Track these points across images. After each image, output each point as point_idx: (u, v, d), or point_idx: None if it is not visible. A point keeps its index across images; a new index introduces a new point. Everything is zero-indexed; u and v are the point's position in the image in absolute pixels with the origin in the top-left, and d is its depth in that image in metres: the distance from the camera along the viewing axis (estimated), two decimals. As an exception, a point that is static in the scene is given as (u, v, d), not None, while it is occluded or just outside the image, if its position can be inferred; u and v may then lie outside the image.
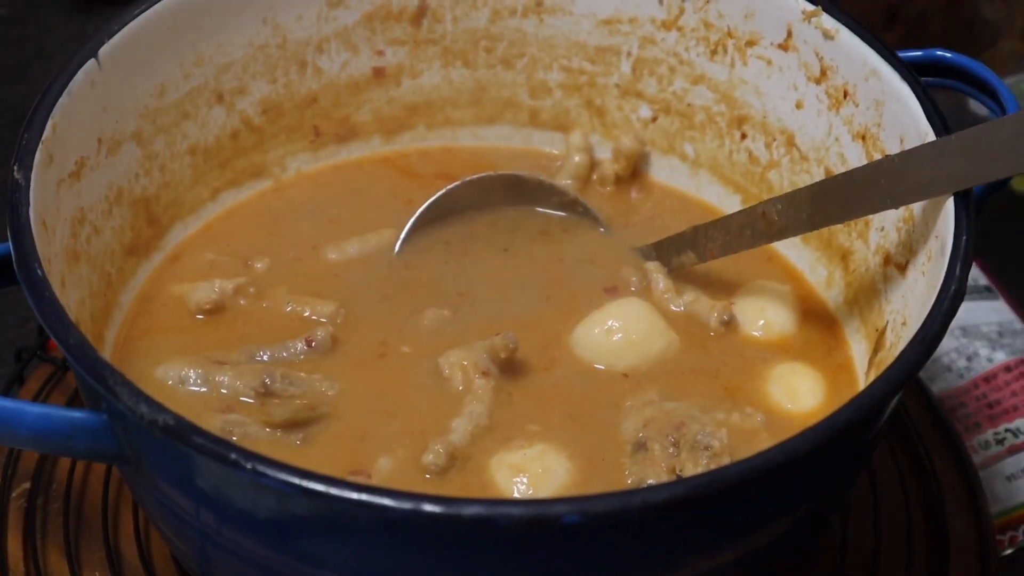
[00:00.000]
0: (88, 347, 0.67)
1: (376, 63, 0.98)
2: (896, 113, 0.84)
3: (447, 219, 0.93)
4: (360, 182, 0.98)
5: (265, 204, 0.96)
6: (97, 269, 0.84)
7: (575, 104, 1.00)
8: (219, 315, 0.87)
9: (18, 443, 0.69)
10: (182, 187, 0.92)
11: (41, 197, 0.76)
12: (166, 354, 0.83)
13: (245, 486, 0.64)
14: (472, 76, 1.00)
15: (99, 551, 0.83)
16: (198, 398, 0.80)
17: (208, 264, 0.91)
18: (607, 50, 0.98)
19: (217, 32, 0.91)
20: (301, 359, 0.83)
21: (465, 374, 0.81)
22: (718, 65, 0.95)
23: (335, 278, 0.89)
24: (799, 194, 0.83)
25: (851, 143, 0.88)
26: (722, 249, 0.88)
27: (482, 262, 0.91)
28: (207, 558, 0.73)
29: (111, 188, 0.86)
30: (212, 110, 0.93)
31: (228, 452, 0.63)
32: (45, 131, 0.78)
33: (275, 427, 0.78)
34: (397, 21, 0.97)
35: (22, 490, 0.87)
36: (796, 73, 0.91)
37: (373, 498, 0.61)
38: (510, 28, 0.98)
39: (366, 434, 0.79)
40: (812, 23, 0.89)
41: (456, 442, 0.77)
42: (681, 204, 0.98)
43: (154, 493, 0.71)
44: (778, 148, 0.94)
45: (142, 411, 0.64)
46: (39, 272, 0.71)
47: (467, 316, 0.87)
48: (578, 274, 0.91)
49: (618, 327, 0.84)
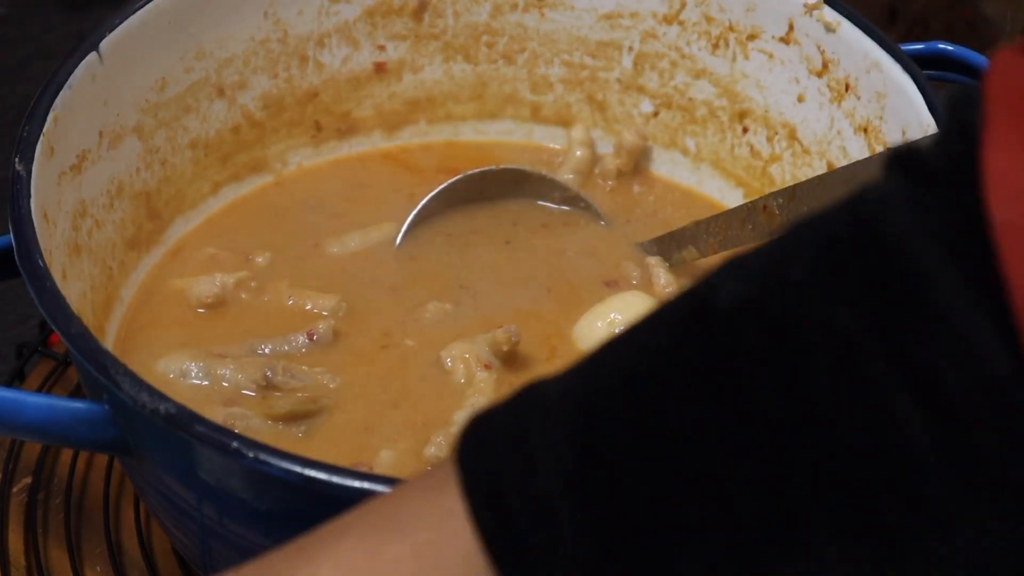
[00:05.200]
0: (89, 337, 0.67)
1: (377, 58, 0.98)
2: (898, 106, 0.84)
3: (449, 213, 0.93)
4: (361, 177, 0.98)
5: (266, 198, 0.96)
6: (98, 262, 0.84)
7: (577, 99, 1.00)
8: (221, 309, 0.87)
9: (20, 434, 0.69)
10: (183, 181, 0.92)
11: (42, 189, 0.76)
12: (167, 348, 0.83)
13: (247, 476, 0.64)
14: (473, 71, 1.00)
15: (100, 545, 0.83)
16: (200, 391, 0.80)
17: (209, 258, 0.90)
18: (608, 45, 0.98)
19: (218, 26, 0.91)
20: (303, 352, 0.83)
21: (467, 367, 0.81)
22: (719, 59, 0.95)
23: (337, 272, 0.89)
24: (801, 188, 0.83)
25: (853, 136, 0.88)
26: (724, 244, 0.88)
27: (484, 255, 0.91)
28: (208, 550, 0.72)
29: (112, 181, 0.86)
30: (213, 104, 0.93)
31: (230, 441, 0.62)
32: (46, 124, 0.78)
33: (277, 420, 0.78)
34: (398, 16, 0.97)
35: (23, 485, 0.87)
36: (798, 66, 0.91)
37: (375, 486, 0.61)
38: (511, 23, 0.98)
39: (368, 427, 0.79)
40: (814, 16, 0.89)
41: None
42: (683, 198, 0.98)
43: (155, 484, 0.71)
44: (780, 142, 0.94)
45: (144, 400, 0.64)
46: (41, 263, 0.71)
47: (469, 309, 0.86)
48: (579, 268, 0.91)
49: (621, 320, 0.84)
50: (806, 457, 0.42)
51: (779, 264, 0.44)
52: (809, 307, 0.43)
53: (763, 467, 0.43)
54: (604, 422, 0.45)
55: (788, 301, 0.43)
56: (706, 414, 0.43)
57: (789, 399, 0.42)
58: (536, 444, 0.46)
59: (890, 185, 0.43)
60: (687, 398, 0.44)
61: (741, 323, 0.44)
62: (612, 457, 0.44)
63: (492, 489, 0.46)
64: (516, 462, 0.46)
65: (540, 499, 0.45)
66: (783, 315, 0.43)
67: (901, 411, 0.41)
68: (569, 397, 0.46)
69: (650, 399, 0.44)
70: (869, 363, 0.41)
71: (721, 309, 0.44)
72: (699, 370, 0.44)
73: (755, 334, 0.43)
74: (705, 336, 0.44)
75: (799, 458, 0.42)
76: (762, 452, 0.43)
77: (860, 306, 0.42)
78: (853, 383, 0.42)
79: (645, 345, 0.46)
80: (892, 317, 0.41)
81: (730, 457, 0.43)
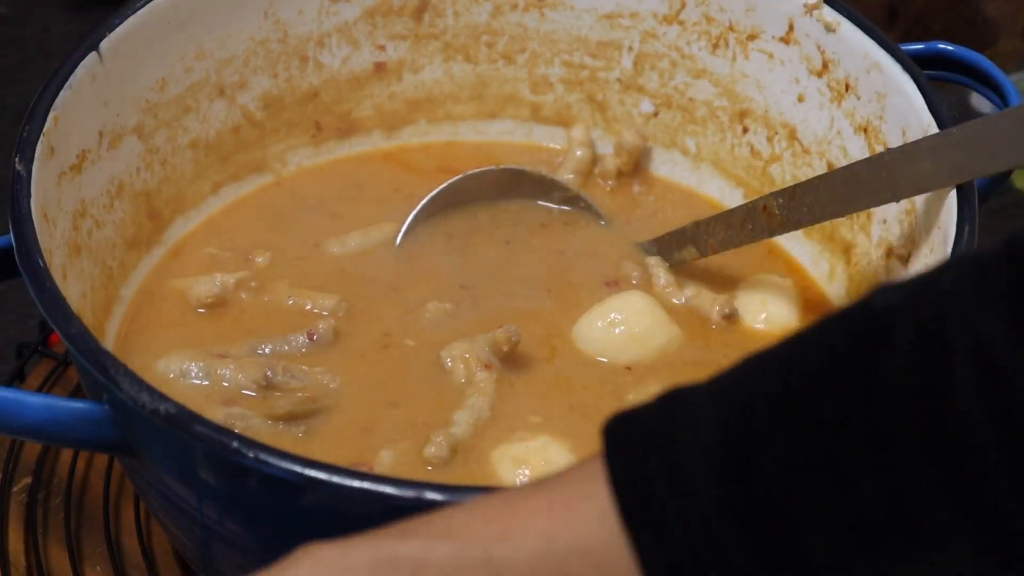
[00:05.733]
0: (89, 336, 0.67)
1: (377, 58, 0.98)
2: (898, 106, 0.84)
3: (449, 212, 0.93)
4: (361, 177, 0.98)
5: (266, 198, 0.96)
6: (98, 263, 0.84)
7: (577, 99, 1.00)
8: (221, 309, 0.87)
9: (20, 434, 0.69)
10: (183, 181, 0.92)
11: (42, 189, 0.76)
12: (168, 348, 0.83)
13: (247, 476, 0.64)
14: (473, 71, 1.00)
15: (100, 545, 0.83)
16: (200, 391, 0.80)
17: (209, 258, 0.90)
18: (608, 45, 0.98)
19: (218, 26, 0.91)
20: (303, 352, 0.83)
21: (467, 367, 0.81)
22: (720, 59, 0.95)
23: (337, 272, 0.89)
24: (801, 188, 0.83)
25: (853, 136, 0.88)
26: (723, 243, 0.88)
27: (484, 255, 0.91)
28: (209, 550, 0.73)
29: (112, 181, 0.86)
30: (213, 104, 0.93)
31: (230, 441, 0.63)
32: (46, 123, 0.78)
33: (277, 420, 0.78)
34: (398, 16, 0.97)
35: (23, 485, 0.87)
36: (798, 66, 0.91)
37: (375, 486, 0.61)
38: (511, 23, 0.98)
39: (368, 427, 0.79)
40: (814, 16, 0.89)
41: (458, 434, 0.77)
42: (683, 198, 0.98)
43: (155, 484, 0.71)
44: (780, 142, 0.94)
45: (143, 400, 0.64)
46: (41, 263, 0.71)
47: (469, 309, 0.86)
48: (579, 268, 0.90)
49: (621, 320, 0.84)
50: (936, 453, 0.45)
51: (932, 276, 0.47)
52: (955, 314, 0.45)
53: (895, 459, 0.45)
54: (753, 414, 0.48)
55: (936, 307, 0.46)
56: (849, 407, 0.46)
57: (927, 397, 0.45)
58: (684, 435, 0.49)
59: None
60: (833, 391, 0.47)
61: (892, 324, 0.46)
62: (755, 443, 0.47)
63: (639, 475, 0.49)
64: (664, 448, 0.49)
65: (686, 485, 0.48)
66: (931, 319, 0.46)
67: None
68: (718, 392, 0.50)
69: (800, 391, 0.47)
70: (1007, 371, 0.43)
71: (875, 310, 0.47)
72: (848, 365, 0.47)
73: (904, 335, 0.46)
74: (857, 333, 0.47)
75: (929, 453, 0.45)
76: (895, 444, 0.45)
77: (1003, 317, 0.44)
78: (991, 389, 0.44)
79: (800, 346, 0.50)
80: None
81: (866, 447, 0.46)
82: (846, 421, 0.46)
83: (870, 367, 0.46)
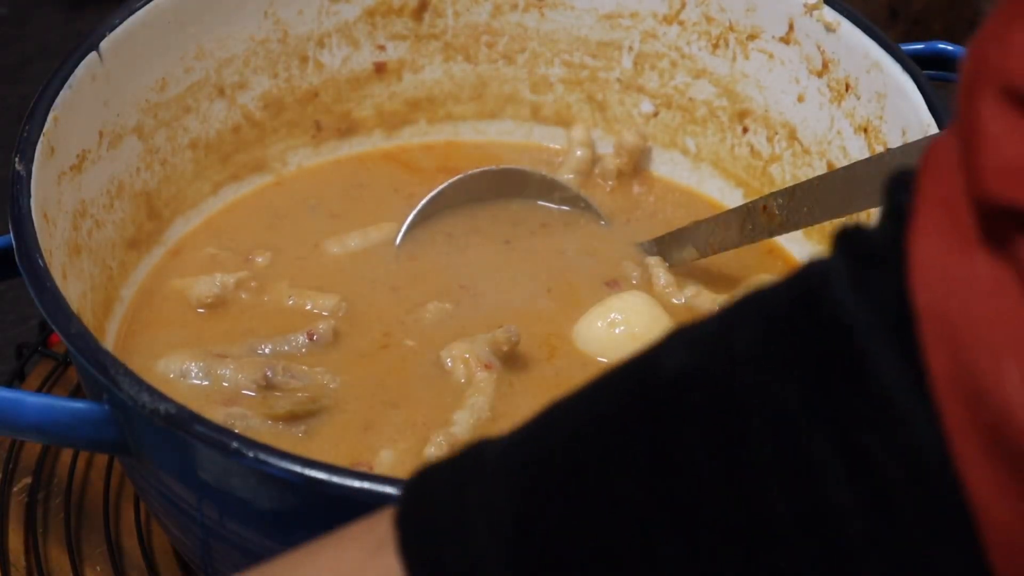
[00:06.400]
0: (89, 336, 0.67)
1: (377, 58, 0.98)
2: (898, 106, 0.84)
3: (449, 212, 0.93)
4: (361, 177, 0.98)
5: (266, 198, 0.96)
6: (98, 262, 0.84)
7: (577, 99, 1.00)
8: (221, 309, 0.87)
9: (20, 434, 0.69)
10: (183, 181, 0.92)
11: (42, 189, 0.76)
12: (167, 348, 0.83)
13: (247, 476, 0.64)
14: (473, 71, 1.00)
15: (100, 545, 0.83)
16: (200, 391, 0.80)
17: (209, 258, 0.90)
18: (608, 45, 0.98)
19: (218, 26, 0.91)
20: (303, 352, 0.83)
21: (467, 367, 0.81)
22: (720, 59, 0.95)
23: (337, 272, 0.89)
24: (801, 188, 0.83)
25: (853, 136, 0.88)
26: (723, 244, 0.88)
27: (484, 255, 0.91)
28: (209, 550, 0.72)
29: (112, 181, 0.86)
30: (213, 104, 0.93)
31: (230, 441, 0.62)
32: (46, 123, 0.78)
33: (277, 420, 0.78)
34: (398, 16, 0.97)
35: (23, 485, 0.87)
36: (798, 66, 0.91)
37: (375, 486, 0.61)
38: (511, 23, 0.98)
39: (368, 426, 0.79)
40: (814, 16, 0.89)
41: (458, 434, 0.77)
42: (683, 199, 0.98)
43: (155, 484, 0.71)
44: (780, 142, 0.94)
45: (143, 400, 0.64)
46: (40, 263, 0.71)
47: (469, 309, 0.86)
48: (579, 268, 0.90)
49: (621, 320, 0.84)
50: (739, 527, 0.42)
51: (724, 335, 0.44)
52: (749, 379, 0.43)
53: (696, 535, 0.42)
54: (543, 488, 0.45)
55: (730, 372, 0.43)
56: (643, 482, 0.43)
57: (725, 470, 0.42)
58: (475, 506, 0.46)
59: (834, 263, 0.43)
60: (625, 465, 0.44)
61: (684, 392, 0.43)
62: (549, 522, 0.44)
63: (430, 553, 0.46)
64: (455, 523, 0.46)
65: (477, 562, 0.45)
66: (724, 385, 0.43)
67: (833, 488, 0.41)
68: (511, 460, 0.46)
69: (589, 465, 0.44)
70: (804, 438, 0.41)
71: (665, 377, 0.44)
72: (639, 437, 0.44)
73: (696, 403, 0.43)
74: (648, 404, 0.44)
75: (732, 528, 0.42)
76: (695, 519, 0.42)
77: (799, 381, 0.42)
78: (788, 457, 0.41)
79: (589, 411, 0.46)
80: (829, 394, 0.41)
81: (664, 525, 0.43)
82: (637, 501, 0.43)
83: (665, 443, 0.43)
